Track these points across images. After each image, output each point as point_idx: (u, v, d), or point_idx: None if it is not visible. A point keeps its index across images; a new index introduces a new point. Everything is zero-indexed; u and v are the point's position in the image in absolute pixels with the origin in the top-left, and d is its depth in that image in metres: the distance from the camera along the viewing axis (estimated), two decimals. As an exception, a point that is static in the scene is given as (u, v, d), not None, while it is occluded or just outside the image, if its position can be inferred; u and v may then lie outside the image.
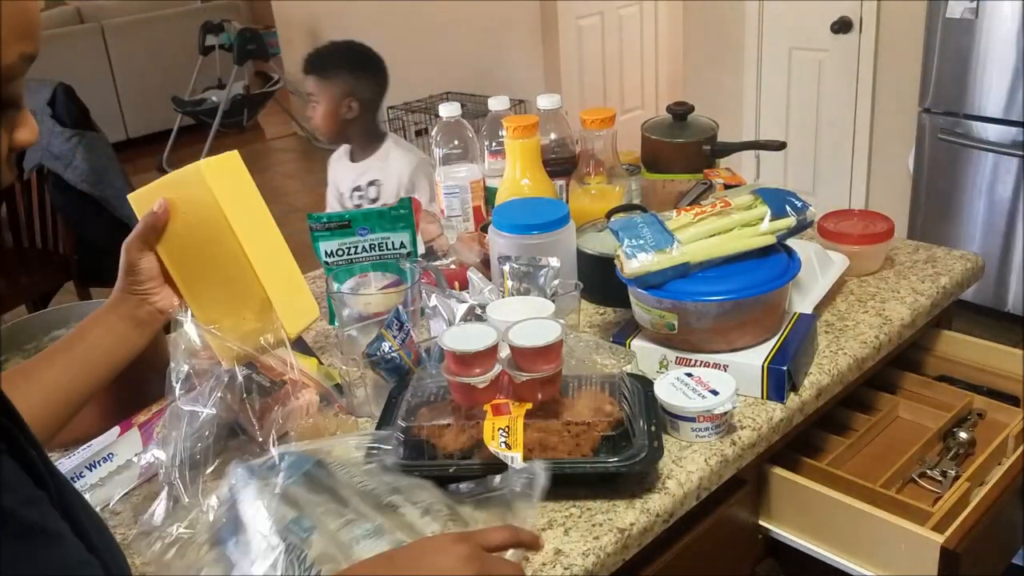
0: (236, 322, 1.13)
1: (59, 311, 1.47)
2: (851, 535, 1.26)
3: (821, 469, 1.34)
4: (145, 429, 1.17)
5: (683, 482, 1.14)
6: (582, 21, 4.81)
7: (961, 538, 1.18)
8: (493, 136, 1.84)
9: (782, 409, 1.27)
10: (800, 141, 3.86)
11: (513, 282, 1.40)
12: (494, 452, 1.06)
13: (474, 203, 1.82)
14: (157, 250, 1.14)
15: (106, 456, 1.15)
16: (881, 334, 1.44)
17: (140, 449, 1.16)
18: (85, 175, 2.91)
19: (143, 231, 1.14)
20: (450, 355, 1.13)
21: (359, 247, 1.55)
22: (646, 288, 1.30)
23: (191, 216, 1.11)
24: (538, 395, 1.13)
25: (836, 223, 1.65)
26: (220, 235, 1.10)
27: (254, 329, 1.13)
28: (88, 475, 1.14)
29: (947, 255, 1.69)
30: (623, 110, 4.98)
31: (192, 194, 1.11)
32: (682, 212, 1.35)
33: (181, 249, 1.13)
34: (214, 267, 1.13)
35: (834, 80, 3.72)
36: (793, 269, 1.33)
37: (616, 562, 1.06)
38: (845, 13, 3.58)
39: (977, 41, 3.03)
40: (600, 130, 1.69)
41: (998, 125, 3.07)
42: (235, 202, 1.11)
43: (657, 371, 1.33)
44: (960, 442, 1.43)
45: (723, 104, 3.96)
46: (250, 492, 0.97)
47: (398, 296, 1.41)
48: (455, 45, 5.11)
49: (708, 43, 4.08)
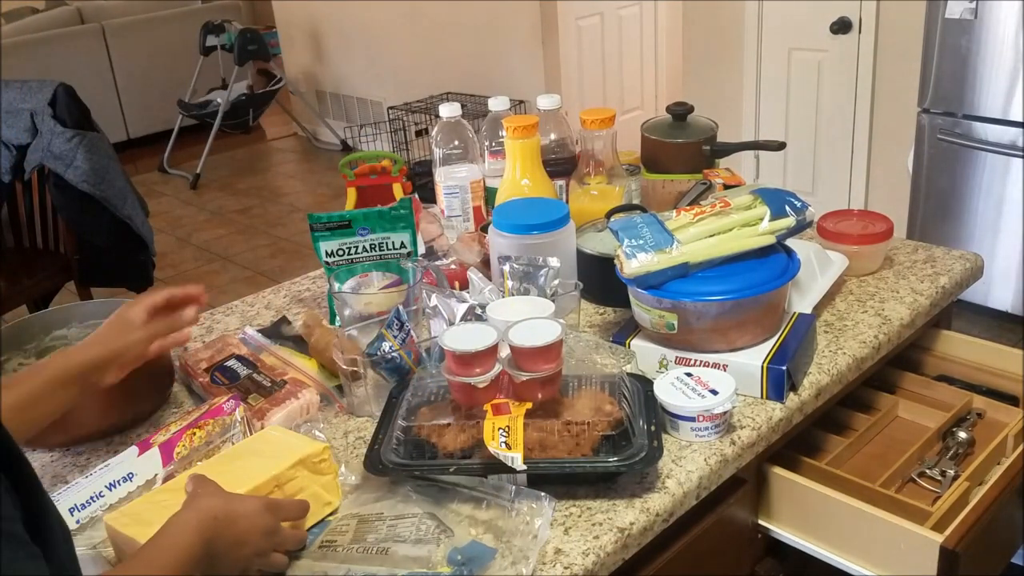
0: None
1: (60, 311, 1.47)
2: (851, 534, 1.26)
3: (821, 469, 1.34)
4: (165, 449, 1.17)
5: (683, 481, 1.14)
6: (582, 21, 4.81)
7: (960, 537, 1.19)
8: (493, 136, 1.85)
9: (781, 409, 1.27)
10: (799, 141, 3.86)
11: (513, 282, 1.41)
12: (494, 452, 1.06)
13: (474, 203, 1.82)
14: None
15: (126, 476, 1.15)
16: (880, 334, 1.45)
17: (161, 469, 1.16)
18: (86, 175, 2.91)
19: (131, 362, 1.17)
20: (450, 355, 1.13)
21: (359, 247, 1.55)
22: (646, 288, 1.30)
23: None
24: (538, 395, 1.14)
25: (835, 223, 1.65)
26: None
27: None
28: (108, 494, 1.13)
29: (946, 255, 1.69)
30: (623, 110, 4.98)
31: None
32: (682, 212, 1.36)
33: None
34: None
35: (833, 80, 3.72)
36: (792, 269, 1.33)
37: (616, 561, 1.06)
38: (844, 13, 3.58)
39: (976, 41, 3.03)
40: (600, 130, 1.69)
41: (997, 125, 3.07)
42: None
43: (657, 371, 1.33)
44: (959, 442, 1.43)
45: (723, 104, 3.96)
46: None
47: (399, 296, 1.42)
48: (455, 45, 5.11)
49: (708, 43, 4.08)
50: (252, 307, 1.70)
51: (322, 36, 6.03)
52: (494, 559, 0.99)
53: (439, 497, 1.09)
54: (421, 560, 0.99)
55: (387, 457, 1.12)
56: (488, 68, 4.98)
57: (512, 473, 1.09)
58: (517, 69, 4.85)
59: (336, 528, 1.07)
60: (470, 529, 1.04)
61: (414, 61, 5.39)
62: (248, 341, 1.47)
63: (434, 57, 5.24)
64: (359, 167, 1.97)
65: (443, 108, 1.82)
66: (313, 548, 1.04)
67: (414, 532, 1.02)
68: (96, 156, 2.95)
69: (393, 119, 5.05)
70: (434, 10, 5.12)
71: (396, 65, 5.54)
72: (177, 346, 1.27)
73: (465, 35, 5.04)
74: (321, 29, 6.00)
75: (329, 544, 1.03)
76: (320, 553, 1.03)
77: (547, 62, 4.76)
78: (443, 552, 1.00)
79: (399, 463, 1.12)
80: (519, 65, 4.84)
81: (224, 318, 1.66)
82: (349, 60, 5.90)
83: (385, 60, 5.61)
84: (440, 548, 1.00)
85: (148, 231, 3.16)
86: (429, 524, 1.03)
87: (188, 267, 4.57)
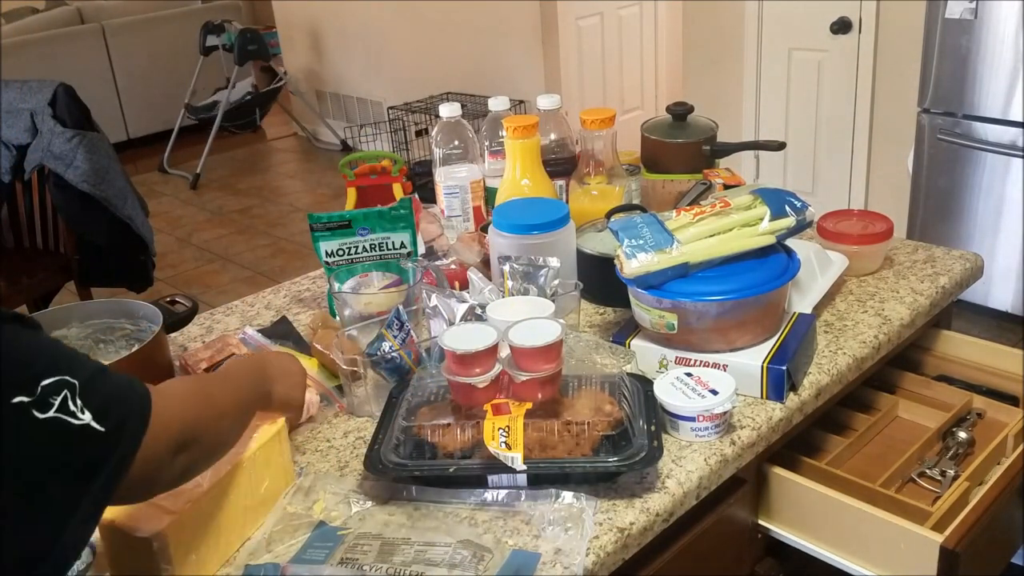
0: None
1: (60, 311, 1.47)
2: (850, 534, 1.27)
3: (820, 469, 1.34)
4: None
5: (683, 481, 1.14)
6: (582, 21, 4.81)
7: (960, 537, 1.19)
8: (493, 136, 1.85)
9: (781, 409, 1.27)
10: (799, 141, 3.86)
11: (513, 282, 1.41)
12: (494, 452, 1.06)
13: (474, 203, 1.82)
14: None
15: None
16: (880, 334, 1.45)
17: None
18: (86, 175, 2.91)
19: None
20: (450, 355, 1.13)
21: (359, 247, 1.55)
22: (646, 288, 1.30)
23: None
24: (538, 395, 1.14)
25: (835, 223, 1.65)
26: None
27: None
28: None
29: (946, 255, 1.69)
30: (623, 110, 4.98)
31: None
32: (682, 212, 1.36)
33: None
34: None
35: (833, 80, 3.72)
36: (792, 269, 1.33)
37: (616, 561, 1.06)
38: (844, 13, 3.58)
39: (976, 41, 3.03)
40: (600, 130, 1.69)
41: (997, 125, 3.07)
42: None
43: (657, 371, 1.33)
44: (959, 442, 1.43)
45: (723, 104, 3.96)
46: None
47: (399, 296, 1.42)
48: (455, 45, 5.11)
49: (708, 43, 4.08)
50: (252, 307, 1.70)
51: (322, 36, 6.03)
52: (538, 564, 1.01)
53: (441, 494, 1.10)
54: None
55: (387, 457, 1.12)
56: (488, 68, 4.98)
57: (512, 473, 1.09)
58: (517, 69, 4.85)
59: (355, 546, 1.05)
60: (505, 541, 1.05)
61: (414, 61, 5.39)
62: (248, 341, 1.47)
63: (434, 57, 5.24)
64: (359, 167, 1.97)
65: (443, 108, 1.82)
66: (334, 561, 1.03)
67: (447, 559, 1.01)
68: (96, 156, 2.95)
69: (393, 119, 5.05)
70: (434, 10, 5.12)
71: (396, 65, 5.54)
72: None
73: (465, 35, 5.04)
74: (321, 29, 6.00)
75: (350, 561, 1.02)
76: (343, 569, 1.02)
77: (547, 62, 4.76)
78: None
79: (399, 463, 1.12)
80: (519, 65, 4.84)
81: (224, 318, 1.66)
82: (349, 60, 5.90)
83: (385, 60, 5.61)
84: (485, 571, 1.00)
85: (148, 231, 3.15)
86: (464, 554, 1.02)
87: (188, 267, 4.56)
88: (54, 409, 0.70)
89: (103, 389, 0.75)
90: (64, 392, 0.71)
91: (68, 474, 0.72)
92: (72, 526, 0.72)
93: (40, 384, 0.70)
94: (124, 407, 0.77)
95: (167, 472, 0.84)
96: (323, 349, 1.38)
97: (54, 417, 0.70)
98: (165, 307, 1.44)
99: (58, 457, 0.71)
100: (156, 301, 1.44)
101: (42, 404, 0.69)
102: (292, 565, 1.03)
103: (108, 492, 0.75)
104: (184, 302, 1.52)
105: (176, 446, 0.83)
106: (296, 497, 1.14)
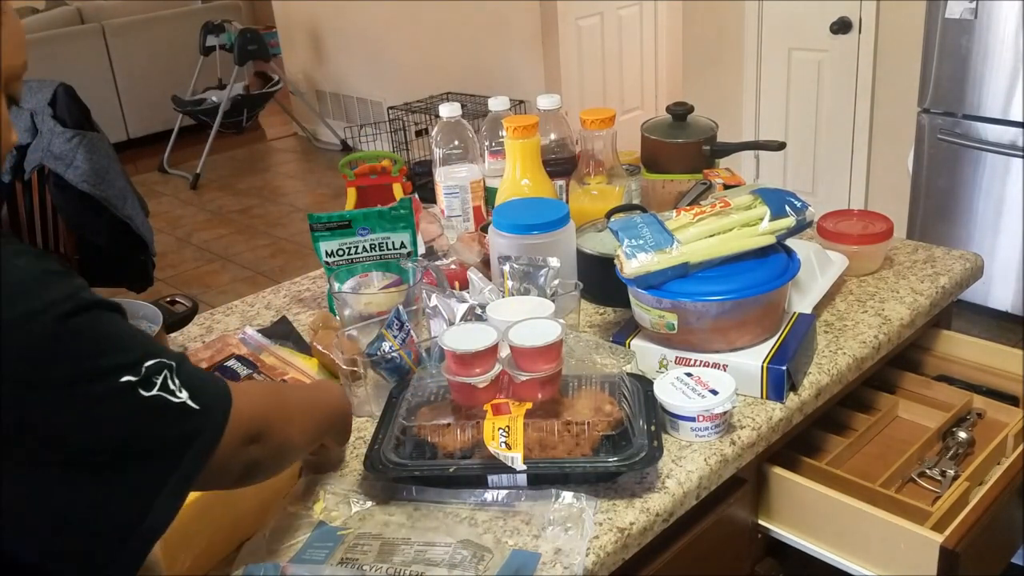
0: None
1: (60, 311, 1.47)
2: (850, 534, 1.27)
3: (820, 469, 1.34)
4: None
5: (683, 481, 1.14)
6: (582, 21, 4.81)
7: (960, 537, 1.19)
8: (493, 136, 1.85)
9: (781, 409, 1.27)
10: (799, 141, 3.86)
11: (513, 282, 1.41)
12: (494, 452, 1.06)
13: (474, 203, 1.82)
14: None
15: None
16: (880, 334, 1.45)
17: None
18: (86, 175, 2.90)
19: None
20: (450, 355, 1.13)
21: (359, 247, 1.55)
22: (646, 288, 1.30)
23: None
24: (538, 395, 1.14)
25: (835, 223, 1.65)
26: None
27: None
28: None
29: (946, 255, 1.69)
30: (623, 110, 4.98)
31: None
32: (682, 212, 1.35)
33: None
34: None
35: (833, 80, 3.72)
36: (792, 269, 1.33)
37: (616, 561, 1.06)
38: (844, 13, 3.58)
39: (976, 41, 3.03)
40: (600, 130, 1.69)
41: (997, 125, 3.07)
42: None
43: (657, 371, 1.33)
44: (959, 442, 1.43)
45: (723, 104, 3.96)
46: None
47: (399, 296, 1.42)
48: (455, 45, 5.11)
49: (708, 43, 4.08)
50: (252, 307, 1.70)
51: (322, 36, 6.03)
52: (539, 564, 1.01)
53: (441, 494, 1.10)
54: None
55: (387, 457, 1.12)
56: (488, 68, 4.98)
57: (512, 473, 1.09)
58: (517, 69, 4.85)
59: (355, 546, 1.05)
60: (505, 541, 1.05)
61: (414, 61, 5.39)
62: (248, 341, 1.47)
63: (434, 57, 5.24)
64: (359, 167, 1.97)
65: (443, 108, 1.82)
66: (334, 561, 1.03)
67: (447, 559, 1.01)
68: (96, 156, 2.95)
69: (393, 119, 5.05)
70: (434, 10, 5.12)
71: (396, 65, 5.54)
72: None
73: (465, 35, 5.04)
74: (321, 29, 6.00)
75: (350, 561, 1.02)
76: (343, 569, 1.02)
77: (547, 62, 4.76)
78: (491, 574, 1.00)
79: (399, 463, 1.12)
80: (519, 65, 4.84)
81: (224, 318, 1.66)
82: (349, 60, 5.90)
83: (385, 60, 5.61)
84: (485, 571, 1.00)
85: (148, 231, 3.15)
86: (464, 554, 1.02)
87: (188, 267, 4.57)
88: (156, 387, 0.76)
89: (194, 372, 0.82)
90: (164, 372, 0.77)
91: (164, 449, 0.77)
92: (160, 500, 0.77)
93: (144, 365, 0.76)
94: (213, 388, 0.84)
95: (236, 462, 0.87)
96: (323, 349, 1.38)
97: (157, 395, 0.76)
98: (165, 307, 1.44)
99: (157, 432, 0.77)
100: (156, 301, 1.44)
101: (146, 383, 0.75)
102: (292, 565, 1.03)
103: (196, 469, 0.80)
104: (184, 302, 1.52)
105: (247, 436, 0.87)
106: (296, 497, 1.14)
